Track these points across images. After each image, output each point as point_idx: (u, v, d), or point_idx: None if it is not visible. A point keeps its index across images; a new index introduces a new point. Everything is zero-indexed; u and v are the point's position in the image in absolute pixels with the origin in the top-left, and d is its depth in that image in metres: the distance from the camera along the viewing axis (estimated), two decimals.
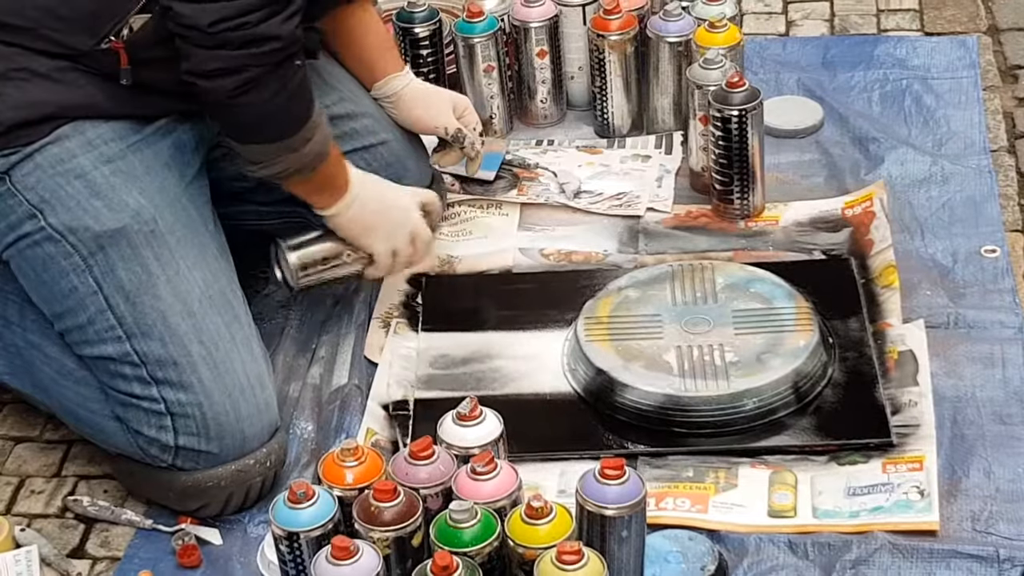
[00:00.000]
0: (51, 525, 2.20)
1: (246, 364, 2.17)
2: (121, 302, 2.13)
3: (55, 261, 2.14)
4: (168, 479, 2.16)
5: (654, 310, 2.36)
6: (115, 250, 2.13)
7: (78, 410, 2.22)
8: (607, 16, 2.72)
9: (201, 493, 2.15)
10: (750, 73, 2.83)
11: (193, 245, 2.18)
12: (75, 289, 2.14)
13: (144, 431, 2.14)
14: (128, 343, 2.13)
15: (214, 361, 2.14)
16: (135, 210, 2.14)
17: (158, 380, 2.13)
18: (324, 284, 2.38)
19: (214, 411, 2.13)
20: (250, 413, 2.15)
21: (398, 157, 2.48)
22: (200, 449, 2.13)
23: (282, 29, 2.05)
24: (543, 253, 2.57)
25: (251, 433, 2.15)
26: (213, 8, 2.02)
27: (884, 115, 2.80)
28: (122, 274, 2.13)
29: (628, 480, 1.91)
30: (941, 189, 2.62)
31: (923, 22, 3.07)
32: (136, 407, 2.14)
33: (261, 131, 2.16)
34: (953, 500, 2.09)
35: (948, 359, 2.29)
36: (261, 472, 2.16)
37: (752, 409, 2.21)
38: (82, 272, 2.13)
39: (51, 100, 2.12)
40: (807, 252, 2.53)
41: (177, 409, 2.13)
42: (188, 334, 2.14)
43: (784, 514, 2.09)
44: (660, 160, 2.73)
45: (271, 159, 2.18)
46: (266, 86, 2.08)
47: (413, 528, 1.90)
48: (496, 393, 2.29)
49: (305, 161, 2.19)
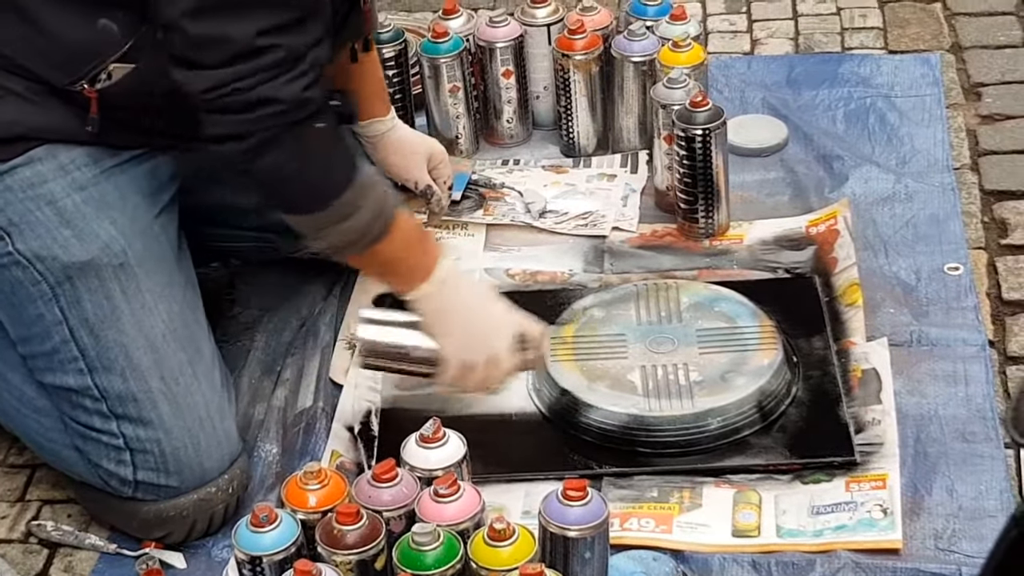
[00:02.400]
0: (14, 550, 2.19)
1: (206, 397, 2.16)
2: (85, 335, 2.12)
3: (23, 286, 2.12)
4: (130, 509, 2.16)
5: (619, 330, 2.36)
6: (82, 282, 2.11)
7: (39, 439, 2.22)
8: (572, 36, 2.73)
9: (164, 522, 2.14)
10: (715, 92, 2.84)
11: (161, 277, 2.16)
12: (41, 316, 2.12)
13: (103, 464, 2.14)
14: (90, 376, 2.12)
15: (174, 396, 2.13)
16: (105, 242, 2.11)
17: (118, 415, 2.12)
18: (393, 372, 2.27)
19: (173, 446, 2.12)
20: (209, 446, 2.14)
21: None
22: (160, 483, 2.13)
23: (283, 92, 1.96)
24: (509, 273, 2.58)
25: (210, 465, 2.14)
26: (207, 75, 1.96)
27: (848, 133, 2.82)
28: (88, 306, 2.11)
29: (591, 501, 1.91)
30: (905, 207, 2.63)
31: (887, 40, 3.08)
32: (96, 440, 2.14)
33: (289, 198, 2.07)
34: (916, 518, 2.09)
35: (911, 377, 2.30)
36: (224, 499, 2.16)
37: (716, 428, 2.21)
38: (49, 301, 2.11)
39: (25, 121, 2.09)
40: (771, 271, 2.54)
41: (136, 445, 2.12)
42: (150, 369, 2.12)
43: (748, 533, 2.09)
44: (626, 179, 2.74)
45: (315, 232, 2.08)
46: (281, 150, 2.00)
47: (376, 551, 1.90)
48: (461, 414, 2.28)
49: (352, 237, 2.07)
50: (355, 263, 2.22)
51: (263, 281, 2.57)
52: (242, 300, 2.55)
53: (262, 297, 2.55)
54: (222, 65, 1.95)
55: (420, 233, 2.16)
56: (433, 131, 2.81)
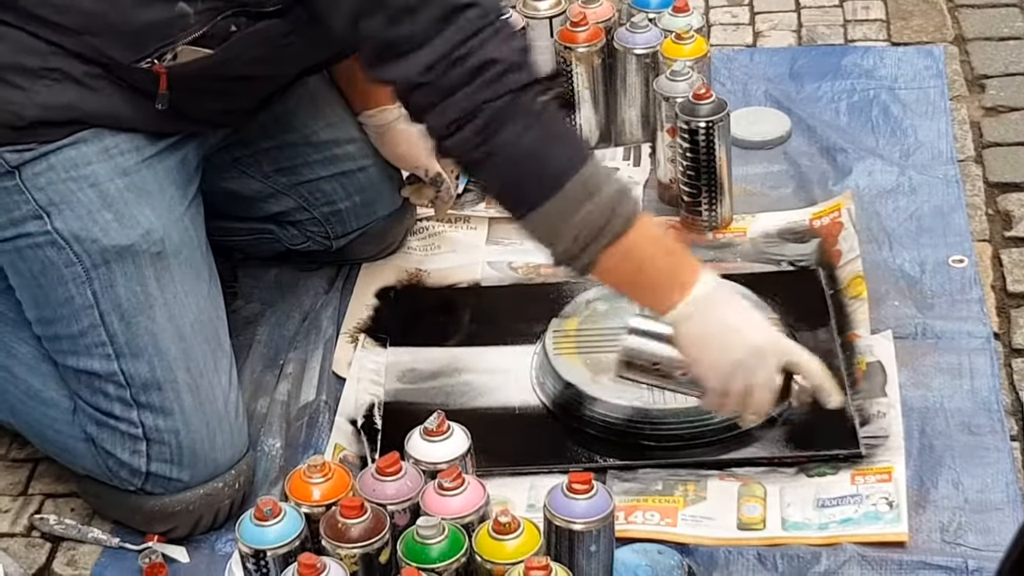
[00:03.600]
0: (17, 544, 2.18)
1: (226, 392, 2.16)
2: (116, 320, 2.10)
3: (55, 267, 2.10)
4: (136, 503, 2.15)
5: (622, 322, 2.34)
6: (119, 266, 2.10)
7: (45, 431, 2.21)
8: (574, 28, 2.72)
9: (169, 517, 2.14)
10: (718, 84, 2.83)
11: (191, 268, 2.16)
12: (71, 299, 2.11)
13: (116, 453, 2.13)
14: (117, 362, 2.11)
15: (198, 388, 2.13)
16: (145, 228, 2.11)
17: (140, 403, 2.11)
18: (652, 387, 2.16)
19: (190, 439, 2.11)
20: (224, 442, 2.14)
21: (373, 183, 2.48)
22: (171, 476, 2.12)
23: (502, 50, 1.87)
24: (512, 266, 2.57)
25: (223, 460, 2.14)
26: (420, 56, 1.87)
27: (852, 125, 2.81)
28: (121, 292, 2.10)
29: (596, 494, 1.90)
30: (909, 199, 2.62)
31: (890, 32, 3.07)
32: (112, 428, 2.13)
33: (531, 180, 1.92)
34: (922, 511, 2.09)
35: (916, 370, 2.29)
36: (230, 494, 2.15)
37: (721, 421, 2.20)
38: (81, 283, 2.10)
39: (77, 105, 2.07)
40: (775, 263, 2.53)
41: (153, 435, 2.11)
42: (176, 359, 2.12)
43: (753, 526, 2.09)
44: (628, 172, 2.73)
45: (559, 222, 1.92)
46: (515, 121, 1.89)
47: (380, 544, 1.89)
48: (465, 407, 2.28)
49: (599, 220, 1.91)
50: (604, 272, 1.97)
51: (265, 275, 2.57)
52: (244, 294, 2.54)
53: (264, 291, 2.55)
54: (429, 39, 1.87)
55: (671, 237, 1.99)
56: None
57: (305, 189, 2.46)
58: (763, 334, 2.03)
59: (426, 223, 2.64)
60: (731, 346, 1.99)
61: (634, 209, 1.95)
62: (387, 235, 2.55)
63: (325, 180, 2.45)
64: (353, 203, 2.48)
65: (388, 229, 2.54)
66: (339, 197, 2.47)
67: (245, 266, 2.56)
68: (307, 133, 2.43)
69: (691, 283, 1.97)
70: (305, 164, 2.45)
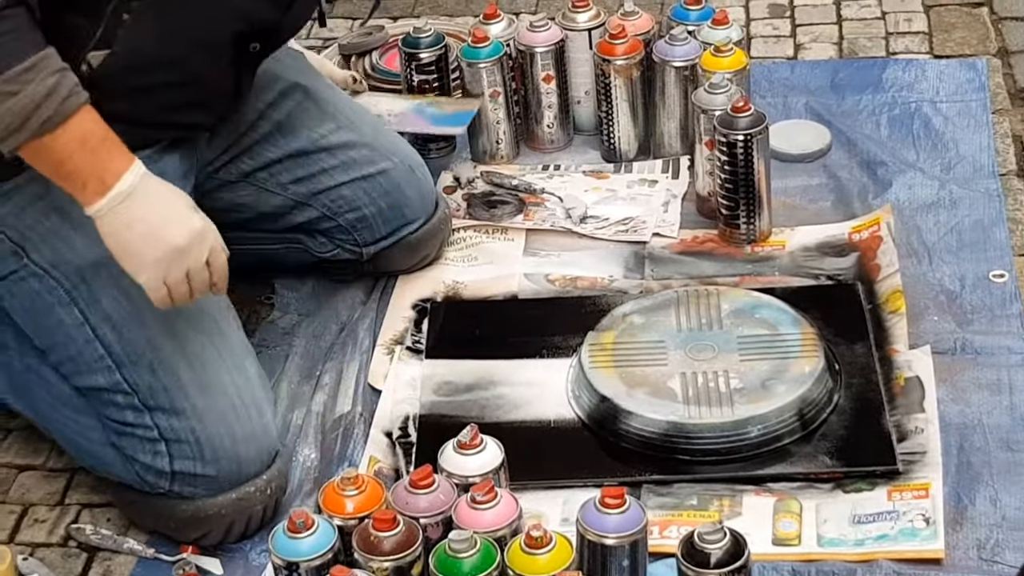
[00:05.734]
0: (54, 554, 2.19)
1: (239, 388, 2.15)
2: (108, 332, 2.12)
3: (40, 296, 2.14)
4: (168, 508, 2.15)
5: (659, 336, 2.35)
6: (97, 281, 2.12)
7: (76, 438, 2.22)
8: (613, 41, 2.71)
9: (201, 522, 2.14)
10: (758, 97, 2.83)
11: None
12: (62, 322, 2.14)
13: (140, 458, 2.14)
14: (118, 372, 2.13)
15: (205, 385, 2.13)
16: None
17: (150, 407, 2.12)
18: None
19: (207, 434, 2.12)
20: (245, 435, 2.13)
21: (397, 185, 2.48)
22: (196, 473, 2.13)
23: None
24: (549, 278, 2.56)
25: (247, 455, 2.14)
26: None
27: (892, 139, 2.79)
28: (106, 304, 2.12)
29: (629, 509, 1.90)
30: (949, 213, 2.60)
31: (932, 45, 3.06)
32: (130, 435, 2.14)
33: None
34: (959, 528, 2.07)
35: (955, 385, 2.28)
36: (262, 500, 2.15)
37: (757, 436, 2.20)
38: (67, 305, 2.13)
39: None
40: (813, 277, 2.51)
41: (171, 435, 2.12)
42: (176, 359, 2.12)
43: (788, 542, 2.08)
44: (667, 185, 2.72)
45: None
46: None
47: (412, 558, 1.89)
48: (500, 420, 2.28)
49: (16, 119, 1.92)
50: (29, 159, 1.99)
51: (302, 286, 2.57)
52: (281, 305, 2.55)
53: (301, 302, 2.55)
54: None
55: (104, 141, 2.00)
56: (474, 136, 2.80)
57: (326, 197, 2.46)
58: (181, 228, 2.03)
59: (463, 234, 2.64)
60: (150, 243, 2.01)
61: (61, 115, 1.94)
62: (422, 247, 2.54)
63: (345, 186, 2.45)
64: (379, 207, 2.47)
65: (423, 241, 2.54)
66: (363, 203, 2.47)
67: (282, 278, 2.57)
68: (315, 138, 2.44)
69: (112, 182, 1.99)
70: (322, 171, 2.45)
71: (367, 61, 2.98)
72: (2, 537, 2.22)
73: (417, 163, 2.53)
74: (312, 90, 2.45)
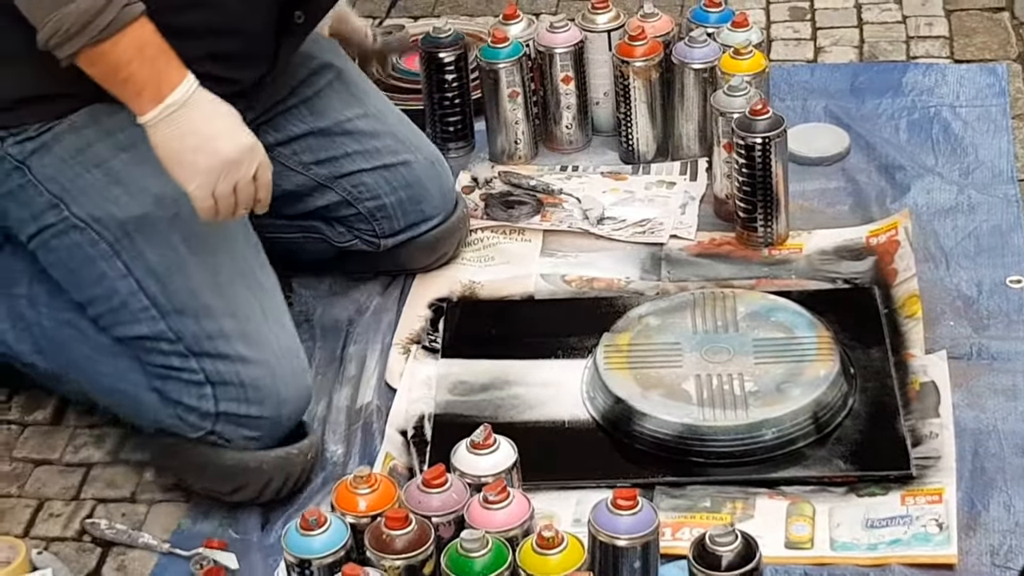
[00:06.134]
0: (68, 548, 2.20)
1: (279, 336, 2.18)
2: (152, 283, 2.15)
3: (82, 249, 2.15)
4: (211, 456, 2.17)
5: (674, 338, 2.35)
6: (141, 235, 2.14)
7: (116, 383, 2.23)
8: (632, 42, 2.71)
9: (241, 473, 2.16)
10: (777, 99, 2.82)
11: (217, 227, 2.16)
12: (104, 275, 2.15)
13: (184, 400, 2.16)
14: (163, 321, 2.15)
15: (247, 333, 2.16)
16: (157, 195, 2.14)
17: (195, 353, 2.15)
18: None
19: (252, 376, 2.14)
20: (285, 378, 2.16)
21: (418, 178, 2.49)
22: (241, 413, 2.15)
23: None
24: (565, 279, 2.57)
25: (288, 395, 2.16)
26: None
27: (911, 143, 2.79)
28: (151, 256, 2.14)
29: (641, 510, 1.90)
30: (967, 218, 2.60)
31: (952, 49, 3.05)
32: (176, 379, 2.16)
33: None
34: (972, 534, 2.07)
35: (970, 391, 2.27)
36: (301, 463, 2.18)
37: (771, 439, 2.20)
38: (110, 258, 2.15)
39: (62, 83, 2.08)
40: (830, 281, 2.51)
41: (216, 378, 2.15)
42: (220, 309, 2.15)
43: (801, 545, 2.07)
44: (685, 187, 2.72)
45: (39, 16, 1.98)
46: None
47: (424, 556, 1.89)
48: (514, 420, 2.28)
49: (77, 23, 1.96)
50: (85, 65, 2.02)
51: (319, 284, 2.57)
52: (299, 303, 2.55)
53: (318, 300, 2.55)
54: None
55: (161, 52, 2.03)
56: (492, 136, 2.81)
57: (347, 182, 2.47)
58: (232, 142, 2.06)
59: (480, 234, 2.65)
60: (202, 154, 2.04)
61: (120, 23, 1.98)
62: (440, 245, 2.55)
63: (367, 173, 2.46)
64: (399, 198, 2.48)
65: (441, 239, 2.54)
66: (383, 191, 2.48)
67: (300, 277, 2.57)
68: (341, 120, 2.45)
69: (168, 91, 2.02)
70: (345, 156, 2.47)
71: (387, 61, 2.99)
72: (17, 531, 2.22)
73: (439, 159, 2.54)
74: (344, 72, 2.47)
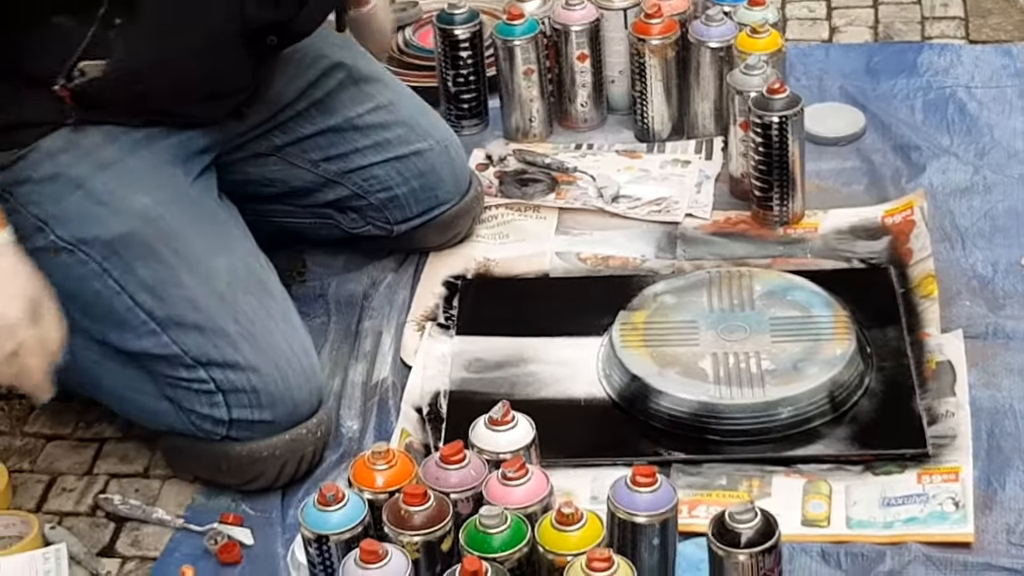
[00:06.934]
0: (81, 523, 2.20)
1: (286, 335, 2.17)
2: (147, 298, 2.13)
3: (73, 270, 2.14)
4: (222, 451, 2.16)
5: (690, 317, 2.34)
6: (129, 252, 2.13)
7: (125, 392, 2.22)
8: (648, 20, 2.70)
9: (256, 463, 2.15)
10: (792, 79, 2.81)
11: (209, 231, 2.17)
12: (99, 293, 2.14)
13: (197, 409, 2.15)
14: (165, 335, 2.13)
15: (253, 337, 2.14)
16: (140, 211, 2.13)
17: (203, 363, 2.13)
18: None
19: (263, 382, 2.13)
20: (298, 380, 2.15)
21: (431, 167, 2.47)
22: (254, 419, 2.14)
23: None
24: (580, 257, 2.56)
25: (300, 398, 2.15)
26: None
27: (926, 123, 2.78)
28: (142, 272, 2.13)
29: (660, 488, 1.89)
30: (983, 199, 2.59)
31: (968, 30, 3.04)
32: (186, 388, 2.15)
33: None
34: (988, 512, 2.06)
35: (986, 370, 2.27)
36: (313, 441, 2.17)
37: (787, 418, 2.19)
38: (100, 276, 2.13)
39: (23, 107, 2.11)
40: (846, 260, 2.51)
41: (227, 386, 2.13)
42: (222, 316, 2.13)
43: (817, 523, 2.07)
44: (700, 165, 2.72)
45: None
46: None
47: (443, 533, 1.89)
48: (530, 398, 2.27)
49: None
50: None
51: (334, 262, 2.56)
52: (313, 278, 2.54)
53: (332, 278, 2.54)
54: None
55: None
56: (507, 113, 2.80)
57: (358, 176, 2.45)
58: (16, 298, 2.00)
59: (494, 211, 2.64)
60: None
61: None
62: (454, 225, 2.54)
63: (378, 166, 2.44)
64: (411, 188, 2.46)
65: (455, 220, 2.53)
66: (395, 183, 2.46)
67: (313, 253, 2.56)
68: (351, 117, 2.42)
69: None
70: (355, 151, 2.44)
71: (400, 37, 2.98)
72: (30, 506, 2.22)
73: (454, 143, 2.52)
74: (354, 68, 2.43)
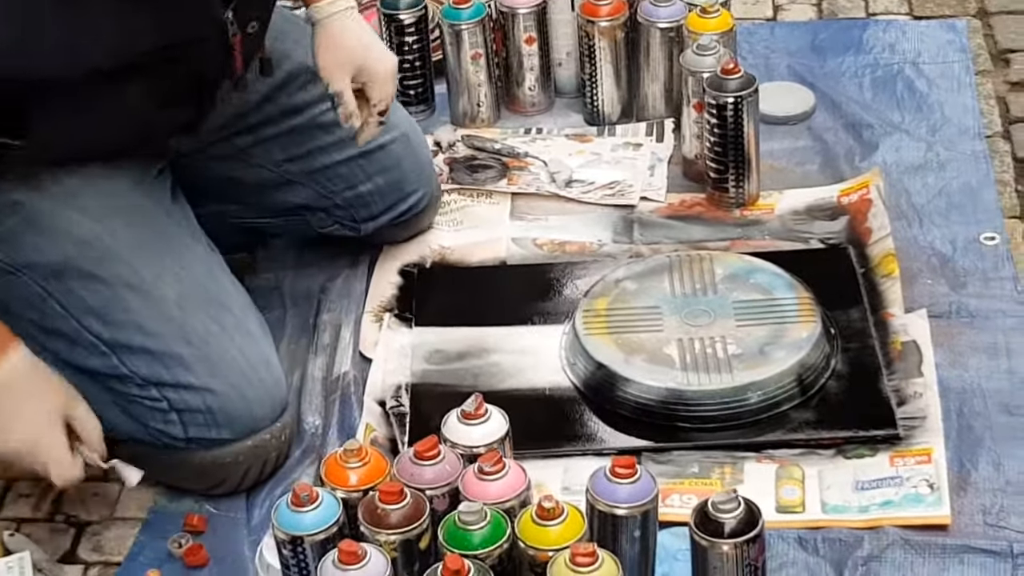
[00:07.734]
0: (40, 529, 2.14)
1: (243, 350, 2.11)
2: (94, 322, 2.08)
3: (18, 290, 2.09)
4: (184, 458, 2.11)
5: (653, 302, 2.32)
6: (70, 278, 2.08)
7: None
8: (597, 2, 2.67)
9: (219, 469, 2.11)
10: (739, 58, 2.78)
11: (156, 251, 2.11)
12: (45, 315, 2.09)
13: (152, 424, 2.10)
14: (114, 357, 2.08)
15: (208, 358, 2.08)
16: (76, 237, 2.08)
17: (155, 383, 2.08)
18: None
19: (219, 402, 2.08)
20: (258, 396, 2.10)
21: (396, 161, 2.41)
22: (212, 437, 2.09)
23: None
24: (536, 243, 2.53)
25: (261, 414, 2.11)
26: None
27: (876, 101, 2.77)
28: (85, 296, 2.08)
29: (640, 479, 1.87)
30: (937, 176, 2.59)
31: (911, 5, 3.03)
32: (139, 404, 2.10)
33: None
34: (963, 493, 2.06)
35: (952, 349, 2.26)
36: (276, 446, 2.13)
37: (756, 402, 2.17)
38: (46, 300, 2.08)
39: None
40: (804, 241, 2.49)
41: (182, 406, 2.08)
42: (173, 339, 2.08)
43: (792, 509, 2.06)
44: (652, 148, 2.69)
45: None
46: None
47: (420, 530, 1.85)
48: (494, 388, 2.24)
49: None
50: None
51: (285, 255, 2.52)
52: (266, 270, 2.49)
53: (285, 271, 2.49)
54: None
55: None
56: (454, 99, 2.76)
57: (322, 176, 2.39)
58: (42, 401, 2.01)
59: (447, 198, 2.60)
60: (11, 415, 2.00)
61: None
62: (422, 221, 2.50)
63: (342, 164, 2.38)
64: (376, 185, 2.41)
65: (423, 217, 2.49)
66: (359, 180, 2.40)
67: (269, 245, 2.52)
68: (315, 115, 2.35)
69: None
70: (318, 149, 2.37)
71: None
72: None
73: (413, 129, 2.46)
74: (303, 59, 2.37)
